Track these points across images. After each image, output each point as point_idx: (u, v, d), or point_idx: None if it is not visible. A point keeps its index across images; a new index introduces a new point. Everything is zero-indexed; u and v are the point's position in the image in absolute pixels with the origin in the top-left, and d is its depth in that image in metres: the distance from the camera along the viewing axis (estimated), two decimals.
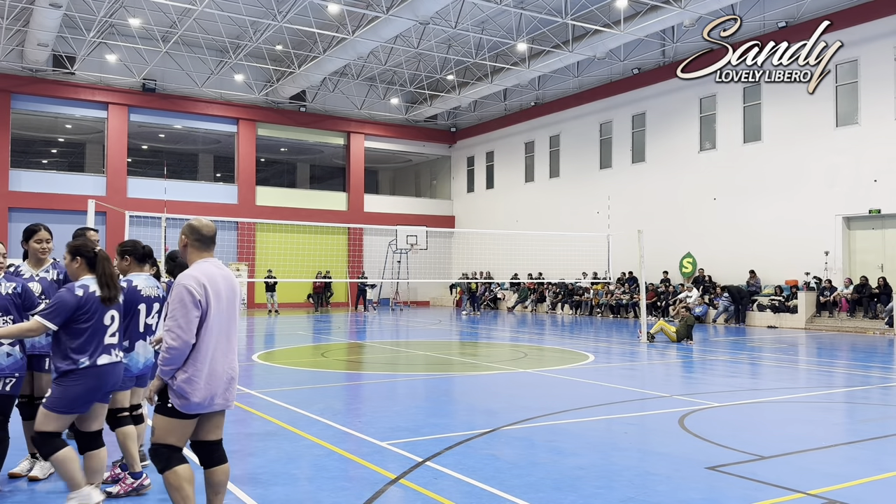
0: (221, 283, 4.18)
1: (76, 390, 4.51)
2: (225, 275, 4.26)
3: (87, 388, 4.55)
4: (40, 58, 26.67)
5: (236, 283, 4.36)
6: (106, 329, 4.66)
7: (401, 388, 10.54)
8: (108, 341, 4.69)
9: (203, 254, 4.23)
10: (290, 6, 23.83)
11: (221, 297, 4.15)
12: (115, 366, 4.74)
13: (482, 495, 5.06)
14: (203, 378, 4.04)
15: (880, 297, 19.71)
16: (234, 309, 4.30)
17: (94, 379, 4.58)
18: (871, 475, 5.68)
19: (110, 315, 4.69)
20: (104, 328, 4.65)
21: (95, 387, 4.60)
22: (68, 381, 4.52)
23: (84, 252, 4.73)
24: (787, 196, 22.43)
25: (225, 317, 4.18)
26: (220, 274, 4.21)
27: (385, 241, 32.08)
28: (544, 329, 21.75)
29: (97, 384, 4.60)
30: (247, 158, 32.35)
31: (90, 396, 4.61)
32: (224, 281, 4.21)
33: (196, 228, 4.21)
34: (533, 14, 23.74)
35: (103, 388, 4.68)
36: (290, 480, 5.46)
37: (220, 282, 4.17)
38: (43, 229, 5.61)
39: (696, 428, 7.26)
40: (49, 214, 25.91)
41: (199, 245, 4.22)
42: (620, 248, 23.11)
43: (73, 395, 4.51)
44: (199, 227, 4.21)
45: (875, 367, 12.76)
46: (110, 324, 4.70)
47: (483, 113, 35.55)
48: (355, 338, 18.91)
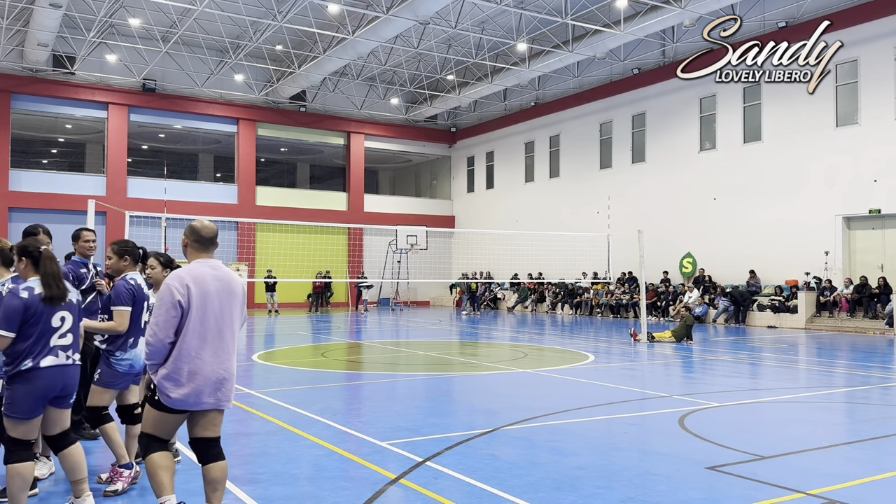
0: (213, 283, 4.23)
1: (18, 394, 4.33)
2: (220, 275, 4.30)
3: (28, 391, 4.33)
4: (40, 58, 26.67)
5: (237, 284, 4.36)
6: (54, 331, 4.44)
7: (401, 388, 10.54)
8: (57, 343, 4.45)
9: (201, 254, 4.33)
10: (290, 6, 23.83)
11: (212, 298, 4.20)
12: (62, 369, 4.46)
13: (482, 495, 5.06)
14: (184, 376, 4.13)
15: (880, 297, 19.71)
16: (231, 310, 4.31)
17: (38, 381, 4.35)
18: (871, 475, 5.68)
19: (60, 317, 4.48)
20: (52, 330, 4.43)
21: (39, 389, 4.36)
22: (14, 385, 4.34)
23: (29, 252, 4.55)
24: (787, 196, 22.43)
25: (218, 317, 4.23)
26: (212, 274, 4.26)
27: (385, 241, 32.08)
28: (544, 329, 21.75)
29: (41, 387, 4.36)
30: (247, 158, 32.35)
31: (36, 400, 4.37)
32: (217, 282, 4.26)
33: (196, 230, 4.32)
34: (533, 14, 23.74)
35: (50, 391, 4.41)
36: (290, 480, 5.46)
37: (210, 282, 4.22)
38: (42, 232, 5.58)
39: (696, 428, 7.26)
40: (49, 214, 25.91)
41: (199, 246, 4.33)
42: (620, 248, 23.10)
43: (19, 398, 4.33)
44: (198, 229, 4.32)
45: (875, 367, 12.76)
46: (59, 325, 4.48)
47: (483, 113, 35.55)
48: (355, 338, 18.91)
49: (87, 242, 6.03)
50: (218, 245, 4.43)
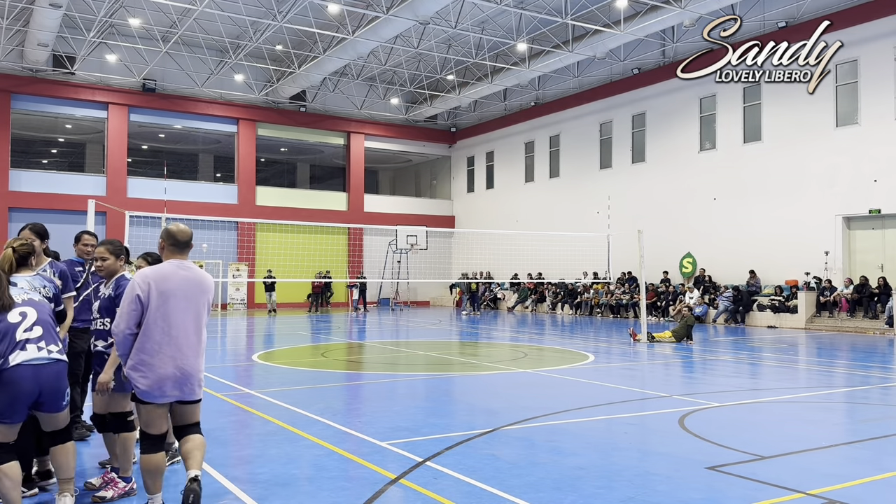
0: (178, 282, 4.50)
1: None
2: (188, 275, 4.56)
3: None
4: (40, 58, 26.68)
5: (206, 283, 4.62)
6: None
7: (401, 388, 10.54)
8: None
9: (176, 256, 4.64)
10: (290, 6, 23.83)
11: (176, 295, 4.46)
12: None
13: (482, 495, 5.06)
14: (146, 367, 4.37)
15: (880, 297, 19.71)
16: (197, 307, 4.53)
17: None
18: (871, 475, 5.68)
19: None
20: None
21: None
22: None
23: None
24: (787, 196, 22.43)
25: (182, 314, 4.47)
26: (180, 274, 4.53)
27: (385, 241, 32.07)
28: (544, 329, 21.75)
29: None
30: (247, 158, 32.36)
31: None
32: (184, 281, 4.52)
33: (171, 233, 4.64)
34: (533, 14, 23.74)
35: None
36: (290, 480, 5.45)
37: (174, 280, 4.48)
38: (28, 230, 5.55)
39: (696, 428, 7.26)
40: (49, 214, 25.90)
41: (174, 248, 4.65)
42: (620, 248, 23.09)
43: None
44: (174, 233, 4.64)
45: (875, 367, 12.76)
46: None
47: (483, 113, 35.55)
48: (355, 338, 18.91)
49: (86, 245, 6.20)
50: (192, 247, 4.74)
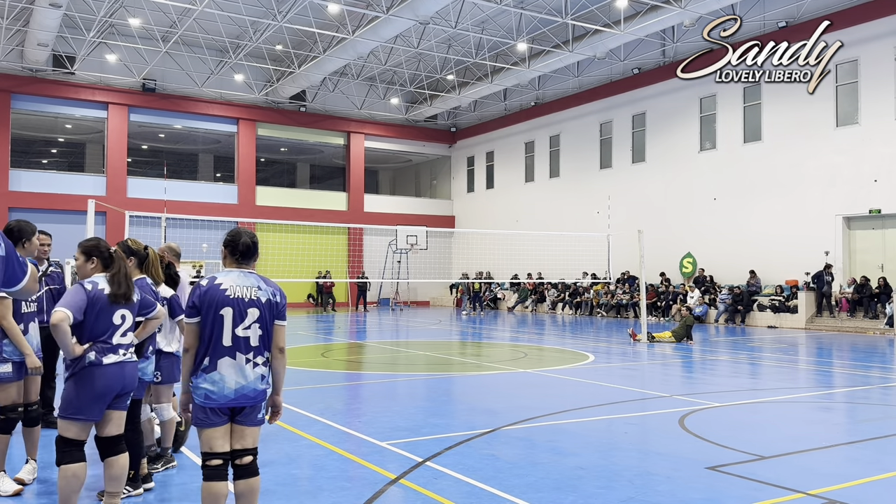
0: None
1: (76, 391, 4.32)
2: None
3: (88, 389, 4.32)
4: (40, 58, 26.67)
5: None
6: (116, 328, 4.49)
7: (401, 388, 10.54)
8: (120, 341, 4.51)
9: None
10: (290, 6, 23.83)
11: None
12: (122, 366, 4.44)
13: (482, 495, 5.06)
14: None
15: (880, 297, 19.71)
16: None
17: (99, 379, 4.32)
18: (871, 475, 5.68)
19: (120, 314, 4.53)
20: (114, 327, 4.49)
21: (99, 388, 4.31)
22: (72, 382, 4.36)
23: (100, 252, 4.60)
24: (787, 196, 22.42)
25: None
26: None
27: (385, 241, 32.07)
28: (544, 329, 21.75)
29: (102, 384, 4.32)
30: (247, 158, 32.35)
31: (95, 399, 4.34)
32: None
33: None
34: (533, 14, 23.74)
35: (110, 391, 4.38)
36: (290, 480, 5.46)
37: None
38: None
39: (696, 428, 7.26)
40: (49, 214, 25.89)
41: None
42: (620, 248, 23.07)
43: (77, 396, 4.34)
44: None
45: (875, 367, 12.76)
46: (121, 323, 4.52)
47: (483, 113, 35.55)
48: (355, 338, 18.91)
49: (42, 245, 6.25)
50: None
